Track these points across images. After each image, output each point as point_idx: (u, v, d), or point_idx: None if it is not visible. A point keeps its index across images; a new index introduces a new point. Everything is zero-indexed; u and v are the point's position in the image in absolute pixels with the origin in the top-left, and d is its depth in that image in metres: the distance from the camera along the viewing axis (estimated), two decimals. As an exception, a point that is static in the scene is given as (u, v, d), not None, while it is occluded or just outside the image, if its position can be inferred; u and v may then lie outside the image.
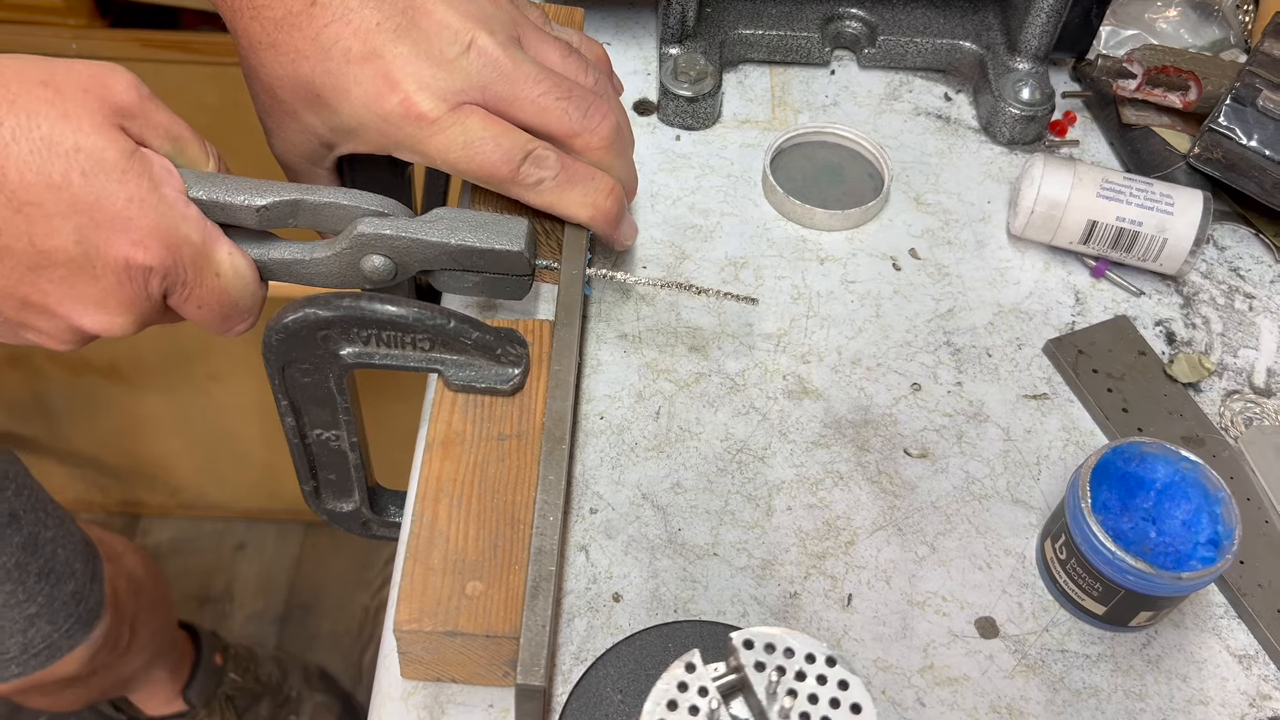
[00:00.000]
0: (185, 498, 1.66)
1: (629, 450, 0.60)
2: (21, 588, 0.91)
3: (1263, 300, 0.70)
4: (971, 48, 0.79)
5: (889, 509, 0.59)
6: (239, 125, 1.28)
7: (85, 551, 0.99)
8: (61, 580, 0.95)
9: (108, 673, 1.08)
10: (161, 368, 1.50)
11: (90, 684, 1.07)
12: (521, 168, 0.55)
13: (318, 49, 0.52)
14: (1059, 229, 0.68)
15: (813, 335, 0.66)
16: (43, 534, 0.93)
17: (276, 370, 0.52)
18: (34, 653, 0.94)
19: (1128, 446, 0.55)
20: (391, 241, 0.53)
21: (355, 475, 0.58)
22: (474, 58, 0.53)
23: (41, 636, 0.94)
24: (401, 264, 0.54)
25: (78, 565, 0.97)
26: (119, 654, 1.07)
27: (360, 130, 0.54)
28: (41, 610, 0.93)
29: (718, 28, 0.78)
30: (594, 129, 0.56)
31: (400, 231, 0.53)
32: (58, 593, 0.94)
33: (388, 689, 0.52)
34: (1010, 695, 0.53)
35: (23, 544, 0.91)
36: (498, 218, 0.55)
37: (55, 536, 0.95)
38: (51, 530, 0.95)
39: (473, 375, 0.54)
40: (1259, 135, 0.69)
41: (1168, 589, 0.52)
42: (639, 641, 0.53)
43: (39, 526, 0.93)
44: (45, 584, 0.93)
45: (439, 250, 0.54)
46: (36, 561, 0.92)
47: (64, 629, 0.95)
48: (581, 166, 0.57)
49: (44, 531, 0.94)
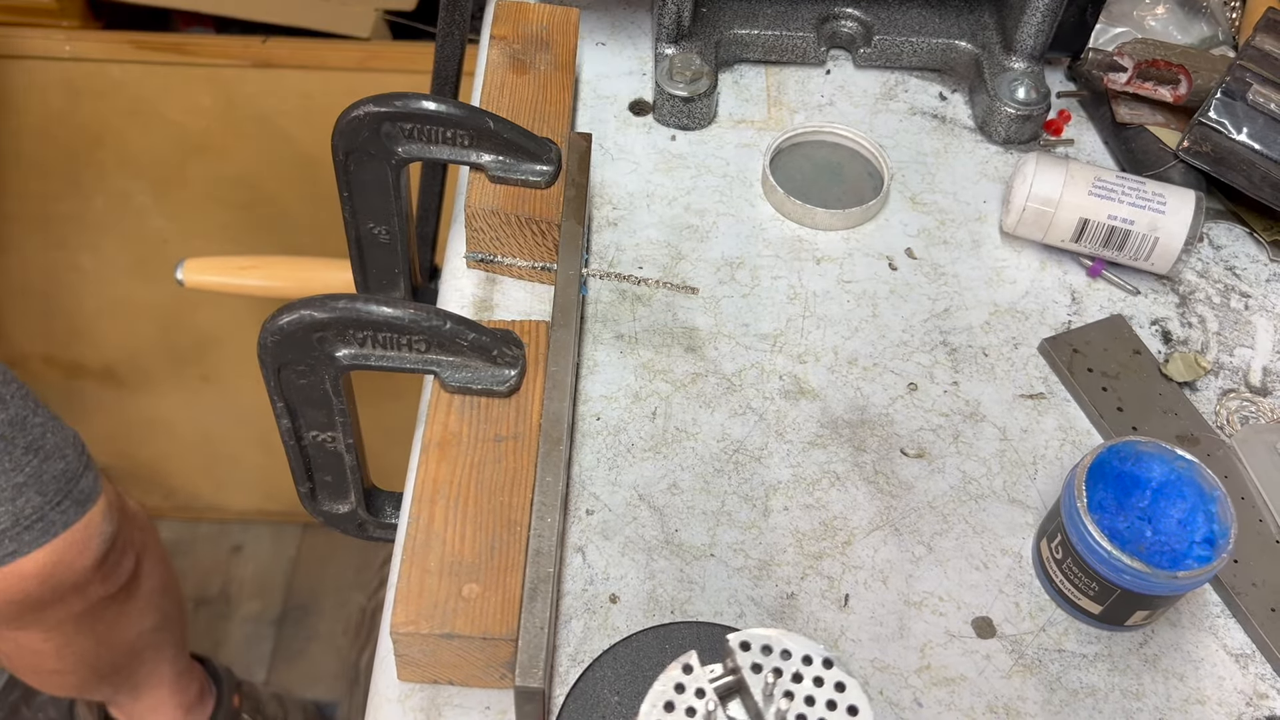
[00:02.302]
0: (181, 500, 1.66)
1: (626, 451, 0.60)
2: (8, 457, 0.89)
3: (1258, 299, 0.70)
4: (967, 47, 0.79)
5: (886, 509, 0.59)
6: (231, 127, 1.29)
7: (78, 445, 0.98)
8: (51, 458, 0.93)
9: (116, 618, 1.06)
10: (157, 371, 1.50)
11: (98, 626, 1.05)
12: None
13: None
14: (1051, 227, 0.68)
15: (809, 335, 0.66)
16: (31, 418, 0.92)
17: (272, 372, 0.52)
18: (26, 524, 0.91)
19: (1123, 446, 0.55)
20: None
21: (351, 477, 0.58)
22: None
23: (32, 507, 0.91)
24: None
25: (69, 452, 0.95)
26: (125, 585, 1.05)
27: None
28: (30, 480, 0.91)
29: (713, 28, 0.78)
30: None
31: None
32: (47, 468, 0.93)
33: (385, 691, 0.52)
34: (1007, 695, 0.53)
35: (9, 420, 0.90)
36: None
37: (45, 424, 0.94)
38: (40, 418, 0.94)
39: (469, 377, 0.54)
40: (1249, 129, 0.69)
41: (1164, 588, 0.52)
42: (636, 643, 0.53)
43: (26, 411, 0.92)
44: (33, 457, 0.91)
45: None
46: (24, 437, 0.91)
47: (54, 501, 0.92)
48: None
49: (32, 417, 0.93)
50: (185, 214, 1.36)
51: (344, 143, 0.59)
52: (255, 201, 1.35)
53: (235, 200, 1.34)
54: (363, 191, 0.61)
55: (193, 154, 1.30)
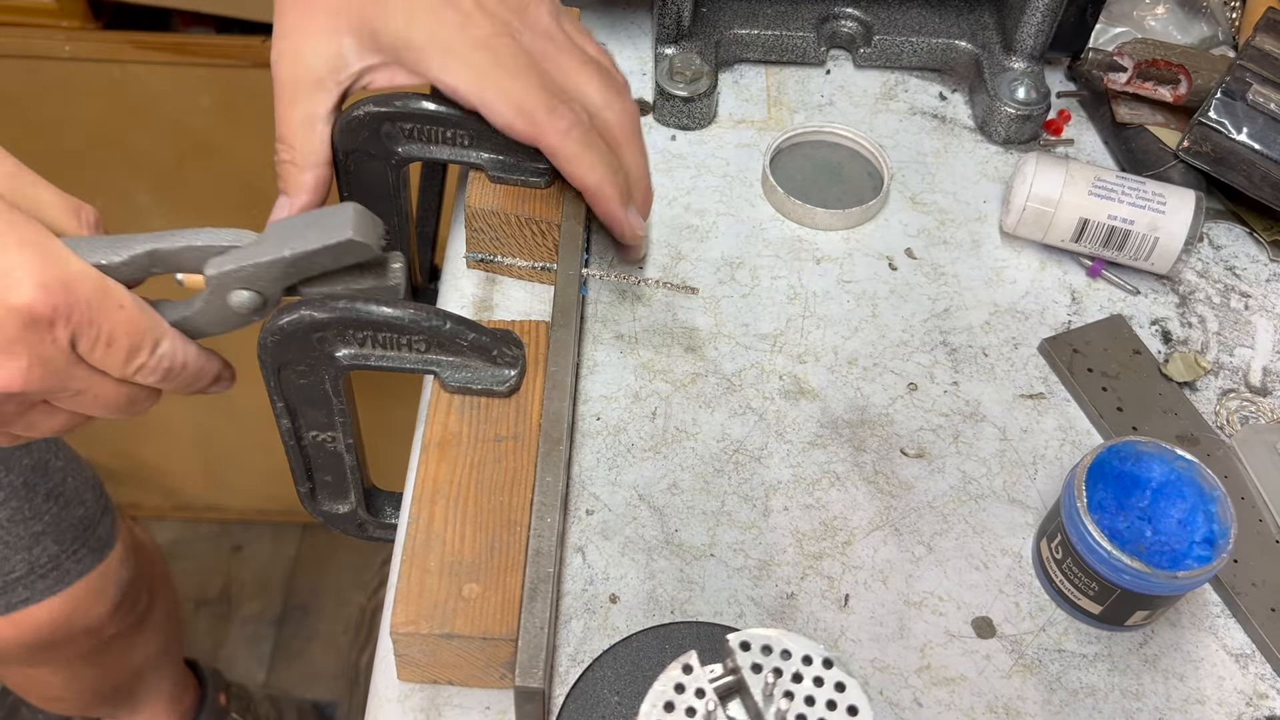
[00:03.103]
0: (182, 500, 1.66)
1: (625, 451, 0.60)
2: (28, 505, 0.90)
3: (1259, 299, 0.70)
4: (967, 47, 0.79)
5: (886, 509, 0.59)
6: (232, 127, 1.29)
7: (97, 487, 0.98)
8: (70, 504, 0.93)
9: (124, 649, 1.06)
10: (157, 370, 1.50)
11: (106, 659, 1.05)
12: (559, 106, 0.56)
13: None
14: (1051, 227, 0.68)
15: (809, 335, 0.66)
16: (53, 462, 0.93)
17: (272, 372, 0.52)
18: (41, 573, 0.92)
19: (1123, 446, 0.55)
20: (238, 275, 0.50)
21: (351, 477, 0.58)
22: (531, 10, 0.57)
23: (48, 556, 0.91)
24: (263, 292, 0.51)
25: (88, 496, 0.96)
26: (137, 619, 1.05)
27: (403, 46, 0.55)
28: (48, 529, 0.91)
29: (713, 28, 0.78)
30: (624, 108, 0.59)
31: (241, 261, 0.50)
32: (66, 515, 0.93)
33: (384, 691, 0.52)
34: (1007, 695, 0.53)
35: (32, 466, 0.90)
36: (322, 212, 0.51)
37: (65, 466, 0.94)
38: (62, 461, 0.94)
39: (469, 377, 0.54)
40: (1248, 129, 0.69)
41: (1164, 588, 0.52)
42: (636, 643, 0.53)
43: (49, 455, 0.92)
44: (53, 504, 0.92)
45: (281, 267, 0.50)
46: (45, 483, 0.91)
47: (70, 550, 0.93)
48: (601, 140, 0.58)
49: (54, 460, 0.93)
50: (185, 214, 1.36)
51: (344, 143, 0.59)
52: (255, 201, 1.34)
53: (235, 200, 1.34)
54: (363, 191, 0.61)
55: (193, 154, 1.30)
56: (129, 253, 0.49)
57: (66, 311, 0.45)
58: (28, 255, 0.44)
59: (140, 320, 0.48)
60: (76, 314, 0.45)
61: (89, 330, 0.46)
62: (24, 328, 0.44)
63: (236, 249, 0.50)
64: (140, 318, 0.48)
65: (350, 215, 0.50)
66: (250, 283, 0.50)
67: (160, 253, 0.50)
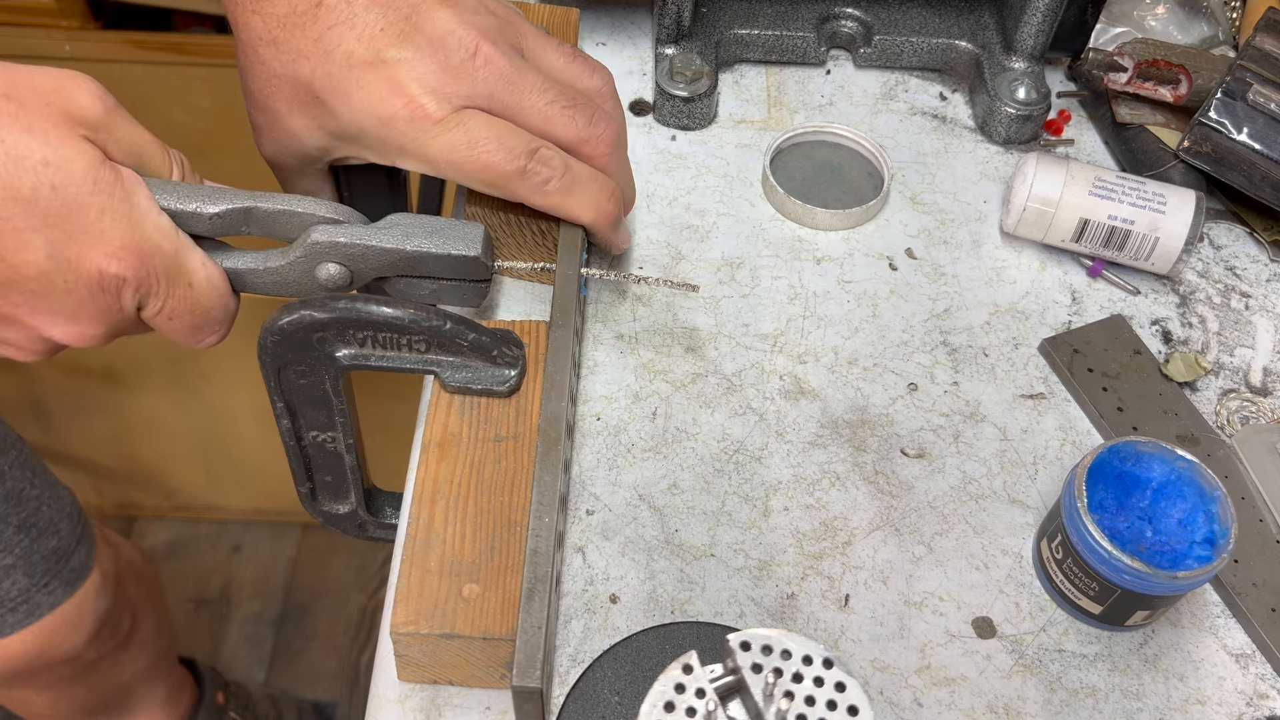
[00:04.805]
0: (182, 500, 1.66)
1: (625, 451, 0.60)
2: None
3: (1259, 299, 0.70)
4: (967, 47, 0.79)
5: (886, 509, 0.59)
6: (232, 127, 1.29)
7: (73, 515, 0.97)
8: (43, 536, 0.92)
9: (109, 669, 1.07)
10: (158, 370, 1.50)
11: (91, 679, 1.05)
12: (529, 166, 0.55)
13: (320, 50, 0.52)
14: (1051, 227, 0.68)
15: (809, 335, 0.66)
16: (27, 490, 0.91)
17: (272, 372, 0.52)
18: (10, 606, 0.90)
19: (1123, 446, 0.55)
20: (346, 249, 0.52)
21: (351, 477, 0.58)
22: (479, 65, 0.53)
23: (18, 590, 0.90)
24: (356, 271, 0.53)
25: (63, 526, 0.94)
26: (120, 642, 1.05)
27: (360, 136, 0.54)
28: (18, 562, 0.90)
29: (713, 28, 0.78)
30: (599, 136, 0.57)
31: (354, 239, 0.52)
32: (37, 547, 0.91)
33: (384, 691, 0.52)
34: (1007, 695, 0.53)
35: (4, 496, 0.89)
36: (453, 223, 0.54)
37: (41, 495, 0.93)
38: (38, 490, 0.93)
39: (469, 377, 0.54)
40: (1249, 129, 0.69)
41: (1164, 588, 0.52)
42: (636, 643, 0.53)
43: (24, 483, 0.91)
44: (24, 536, 0.90)
45: (394, 257, 0.53)
46: (17, 514, 0.90)
47: (41, 583, 0.91)
48: (584, 169, 0.57)
49: (29, 489, 0.91)
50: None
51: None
52: (255, 201, 1.34)
53: (235, 200, 1.34)
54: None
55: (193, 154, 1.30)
56: (226, 205, 0.51)
57: (135, 282, 0.48)
58: (106, 223, 0.46)
59: (204, 301, 0.51)
60: (145, 285, 0.48)
61: (154, 302, 0.49)
62: (93, 293, 0.47)
63: (348, 225, 0.52)
64: (204, 299, 0.51)
65: (481, 235, 0.54)
66: (354, 260, 0.53)
67: (257, 211, 0.52)
